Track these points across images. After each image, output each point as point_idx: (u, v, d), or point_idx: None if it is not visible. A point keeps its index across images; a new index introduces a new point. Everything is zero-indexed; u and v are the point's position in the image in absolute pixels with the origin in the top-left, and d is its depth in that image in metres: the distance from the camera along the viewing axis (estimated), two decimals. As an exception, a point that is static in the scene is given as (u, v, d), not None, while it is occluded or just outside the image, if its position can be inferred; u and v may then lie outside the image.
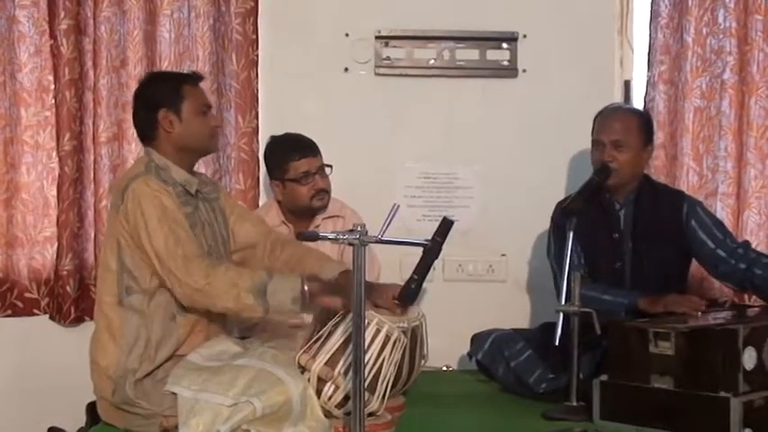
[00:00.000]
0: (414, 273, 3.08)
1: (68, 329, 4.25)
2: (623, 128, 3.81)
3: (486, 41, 4.41)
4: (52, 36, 4.19)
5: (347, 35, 4.40)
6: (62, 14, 4.16)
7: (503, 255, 4.44)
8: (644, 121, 3.94)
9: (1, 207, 4.25)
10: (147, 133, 3.37)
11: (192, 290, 3.13)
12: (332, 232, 2.97)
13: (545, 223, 3.98)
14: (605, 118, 3.86)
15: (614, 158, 3.76)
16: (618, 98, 4.43)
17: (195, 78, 3.44)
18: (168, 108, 3.32)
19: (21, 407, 4.21)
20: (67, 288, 4.20)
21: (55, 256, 4.24)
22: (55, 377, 4.18)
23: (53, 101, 4.22)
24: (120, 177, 3.49)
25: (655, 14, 4.29)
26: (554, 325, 3.34)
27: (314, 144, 4.08)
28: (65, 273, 4.20)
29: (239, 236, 3.52)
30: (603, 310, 3.47)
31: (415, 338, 3.36)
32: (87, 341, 3.34)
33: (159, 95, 3.35)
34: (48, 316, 4.28)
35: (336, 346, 3.14)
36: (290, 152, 4.05)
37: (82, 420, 3.69)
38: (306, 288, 3.08)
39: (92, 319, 4.12)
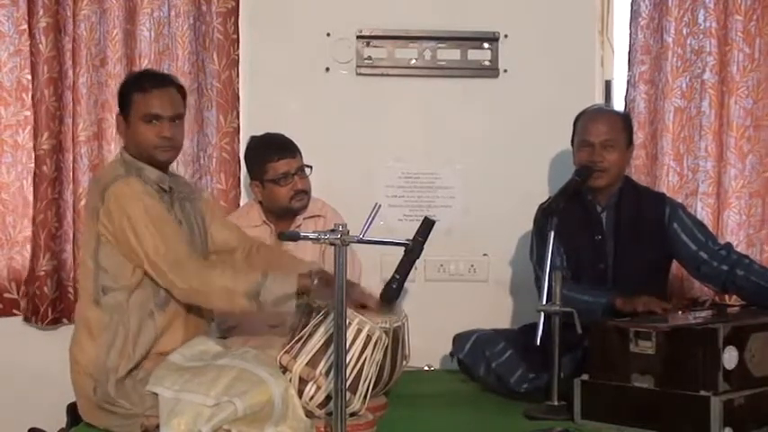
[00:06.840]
0: (395, 273, 3.08)
1: (46, 331, 4.21)
2: (611, 128, 3.81)
3: (467, 41, 4.41)
4: (31, 35, 4.15)
5: (328, 35, 4.39)
6: (40, 12, 4.12)
7: (484, 254, 4.44)
8: (627, 121, 3.95)
9: (-20, 207, 4.22)
10: (118, 129, 3.44)
11: (189, 291, 3.18)
12: (313, 232, 2.96)
13: (527, 223, 3.98)
14: (591, 119, 3.85)
15: (604, 159, 3.77)
16: (599, 98, 4.43)
17: (151, 85, 3.31)
18: (121, 111, 3.36)
19: (1, 407, 4.18)
20: (45, 289, 4.16)
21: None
22: (34, 378, 4.15)
23: (32, 100, 4.18)
24: (98, 178, 3.45)
25: (635, 15, 4.31)
26: (535, 325, 3.35)
27: (293, 144, 4.06)
28: (42, 273, 4.16)
29: (217, 239, 3.52)
30: (583, 311, 3.48)
31: (396, 338, 3.35)
32: (66, 342, 3.33)
33: (120, 96, 3.39)
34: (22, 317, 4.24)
35: (318, 346, 3.14)
36: (269, 153, 4.02)
37: (62, 422, 3.67)
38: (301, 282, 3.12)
39: (70, 320, 4.13)
